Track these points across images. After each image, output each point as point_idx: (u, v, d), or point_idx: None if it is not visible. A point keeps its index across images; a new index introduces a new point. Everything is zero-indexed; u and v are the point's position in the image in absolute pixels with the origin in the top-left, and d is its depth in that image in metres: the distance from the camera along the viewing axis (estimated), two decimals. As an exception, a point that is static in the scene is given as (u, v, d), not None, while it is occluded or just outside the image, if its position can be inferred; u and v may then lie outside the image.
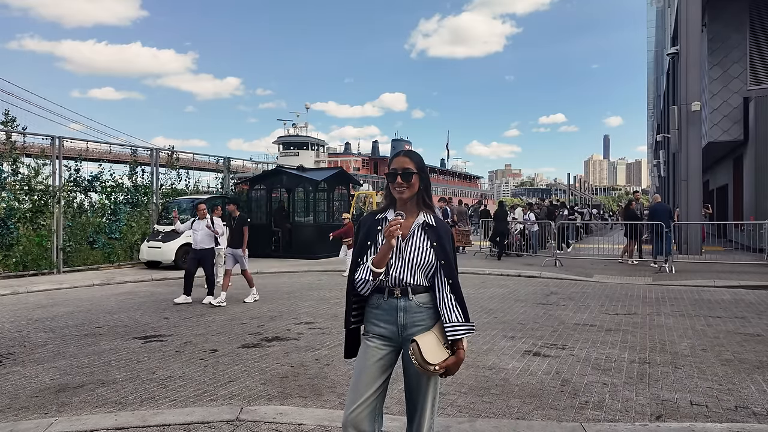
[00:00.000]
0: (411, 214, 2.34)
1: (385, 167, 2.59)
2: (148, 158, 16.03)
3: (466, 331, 2.25)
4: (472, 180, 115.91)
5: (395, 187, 2.31)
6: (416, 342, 2.18)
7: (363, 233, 2.37)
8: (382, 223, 2.32)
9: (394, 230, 2.16)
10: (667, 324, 6.84)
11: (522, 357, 5.32)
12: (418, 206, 2.37)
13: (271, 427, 3.54)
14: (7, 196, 12.22)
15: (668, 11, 25.02)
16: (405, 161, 2.32)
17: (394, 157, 2.37)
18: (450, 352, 2.23)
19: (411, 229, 2.31)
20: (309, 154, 66.99)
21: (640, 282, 10.73)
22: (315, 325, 6.93)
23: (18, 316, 7.75)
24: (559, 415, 3.80)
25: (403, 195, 2.31)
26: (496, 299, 8.78)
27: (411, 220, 2.33)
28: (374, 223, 2.36)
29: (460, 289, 2.32)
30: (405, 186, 2.29)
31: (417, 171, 2.31)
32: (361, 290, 2.30)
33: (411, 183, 2.30)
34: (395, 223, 2.17)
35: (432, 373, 2.18)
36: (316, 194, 17.23)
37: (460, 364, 2.24)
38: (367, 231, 2.36)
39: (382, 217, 2.36)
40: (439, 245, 2.30)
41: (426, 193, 2.38)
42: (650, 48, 47.09)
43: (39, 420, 3.73)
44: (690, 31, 15.68)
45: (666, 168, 25.41)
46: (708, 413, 3.82)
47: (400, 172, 2.29)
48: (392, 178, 2.31)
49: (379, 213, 2.41)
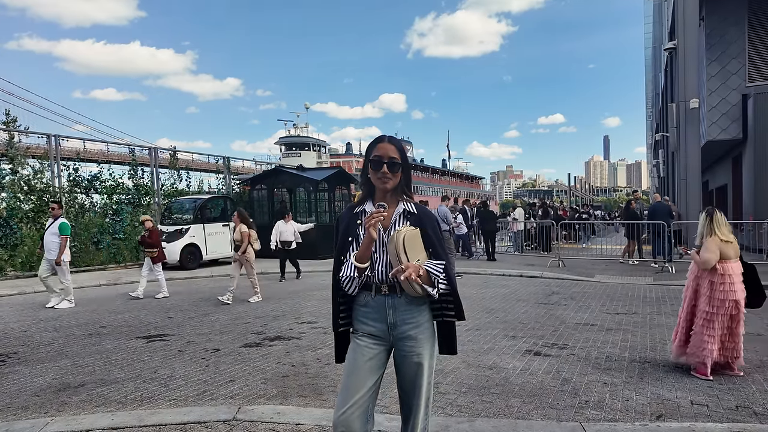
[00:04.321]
0: (391, 204, 2.26)
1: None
2: (148, 159, 16.08)
3: (440, 272, 2.13)
4: (474, 181, 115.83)
5: (379, 177, 2.20)
6: (403, 232, 2.10)
7: (342, 229, 2.28)
8: (361, 216, 2.23)
9: (376, 222, 2.07)
10: (667, 323, 6.82)
11: (522, 356, 5.32)
12: (398, 196, 2.28)
13: (268, 427, 3.54)
14: (8, 196, 12.27)
15: (665, 5, 24.39)
16: (390, 149, 2.22)
17: (377, 143, 2.25)
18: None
19: (392, 218, 2.23)
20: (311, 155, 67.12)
21: (641, 282, 10.72)
22: (317, 325, 6.94)
23: (24, 316, 7.79)
24: (559, 414, 3.80)
25: (387, 185, 2.21)
26: (497, 299, 8.78)
27: (391, 210, 2.25)
28: (353, 217, 2.27)
29: (454, 279, 2.24)
30: (390, 176, 2.20)
31: (401, 161, 2.23)
32: (347, 289, 2.21)
33: (396, 173, 2.22)
34: (377, 214, 2.08)
35: (398, 269, 2.05)
36: (317, 194, 17.24)
37: (418, 279, 2.05)
38: (347, 227, 2.26)
39: (361, 210, 2.27)
40: (424, 233, 2.20)
41: (406, 184, 2.29)
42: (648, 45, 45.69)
43: (36, 420, 3.73)
44: (687, 24, 15.25)
45: (665, 168, 25.28)
46: (709, 413, 3.82)
47: (386, 161, 2.19)
48: (377, 166, 2.19)
49: (357, 206, 2.31)
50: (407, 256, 2.08)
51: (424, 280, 2.09)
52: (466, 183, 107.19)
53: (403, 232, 2.11)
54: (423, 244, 2.19)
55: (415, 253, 2.12)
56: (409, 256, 2.08)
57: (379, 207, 2.13)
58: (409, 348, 2.22)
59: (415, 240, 2.14)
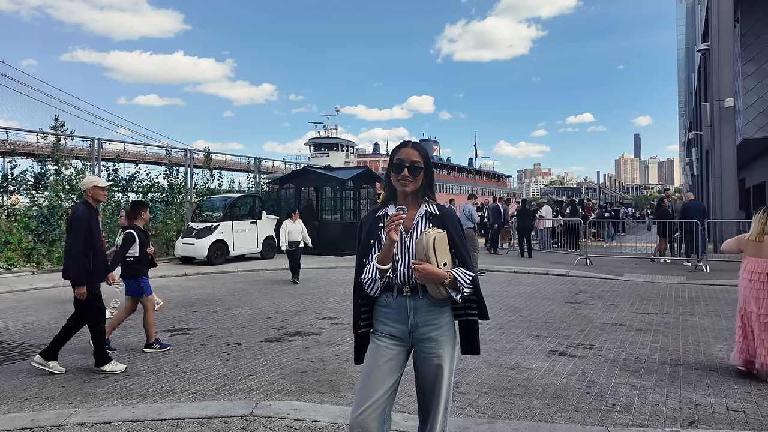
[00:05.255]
0: (413, 207, 2.29)
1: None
2: (183, 159, 16.52)
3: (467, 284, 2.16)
4: (501, 179, 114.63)
5: (400, 179, 2.24)
6: (433, 234, 2.13)
7: (365, 232, 2.31)
8: (383, 218, 2.26)
9: (397, 225, 2.10)
10: (701, 324, 6.55)
11: (547, 357, 5.16)
12: (420, 199, 2.31)
13: (284, 423, 3.52)
14: (51, 194, 12.71)
15: (698, 8, 24.63)
16: (413, 153, 2.26)
17: (401, 148, 2.30)
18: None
19: (414, 221, 2.25)
20: (339, 155, 67.57)
21: (672, 281, 10.36)
22: (337, 321, 6.91)
23: (56, 309, 7.99)
24: (584, 418, 3.66)
25: (407, 188, 2.25)
26: (522, 297, 8.59)
27: (413, 213, 2.27)
28: (375, 220, 2.29)
29: (478, 280, 2.24)
30: (410, 180, 2.24)
31: (424, 166, 2.26)
32: (369, 290, 2.24)
33: (417, 177, 2.25)
34: (397, 218, 2.10)
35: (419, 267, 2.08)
36: (342, 192, 17.37)
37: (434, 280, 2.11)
38: (369, 229, 2.29)
39: (383, 213, 2.30)
40: (448, 235, 2.21)
41: (429, 187, 2.32)
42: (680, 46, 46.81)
43: (60, 411, 3.79)
44: (721, 26, 15.44)
45: (699, 166, 24.68)
46: (746, 420, 3.61)
47: (407, 165, 2.23)
48: (398, 170, 2.24)
49: (379, 209, 2.35)
50: (436, 257, 2.11)
51: (450, 285, 2.13)
52: (492, 181, 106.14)
53: (433, 234, 2.14)
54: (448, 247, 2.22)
55: (442, 255, 2.15)
56: (437, 257, 2.12)
57: (398, 210, 2.16)
58: (429, 349, 2.22)
59: (443, 243, 2.17)
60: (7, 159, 12.56)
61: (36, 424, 3.53)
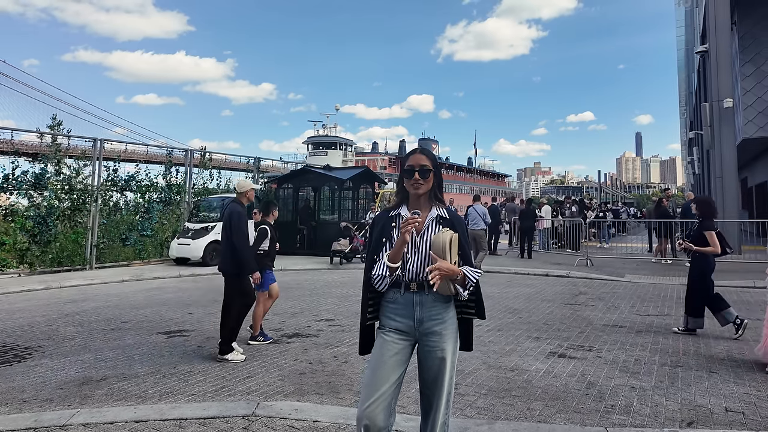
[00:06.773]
0: (424, 209, 2.42)
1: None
2: (183, 159, 16.48)
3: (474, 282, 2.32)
4: (500, 178, 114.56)
5: (412, 183, 2.38)
6: (449, 233, 2.28)
7: (378, 231, 2.43)
8: (396, 219, 2.41)
9: (412, 227, 2.23)
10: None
11: (546, 358, 5.15)
12: (431, 201, 2.44)
13: (285, 423, 3.51)
14: (49, 195, 12.67)
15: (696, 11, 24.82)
16: (422, 159, 2.41)
17: (411, 155, 2.46)
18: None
19: (425, 223, 2.38)
20: (337, 154, 67.60)
21: (674, 282, 10.34)
22: (335, 322, 6.90)
23: (50, 311, 7.98)
24: (583, 419, 3.65)
25: (419, 191, 2.38)
26: (521, 299, 8.58)
27: (425, 215, 2.40)
28: (388, 220, 2.42)
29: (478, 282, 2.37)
30: (422, 182, 2.37)
31: (432, 168, 2.40)
32: (378, 286, 2.35)
33: (427, 179, 2.38)
34: (413, 221, 2.23)
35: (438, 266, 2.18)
36: (341, 192, 17.34)
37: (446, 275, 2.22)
38: (382, 228, 2.42)
39: (396, 213, 2.43)
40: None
41: (438, 189, 2.46)
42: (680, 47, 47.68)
43: (62, 411, 3.79)
44: (719, 29, 15.57)
45: (700, 165, 24.72)
46: (745, 421, 3.60)
47: (417, 169, 2.37)
48: (409, 175, 2.39)
49: (392, 210, 2.47)
50: (451, 255, 2.25)
51: (460, 282, 2.28)
52: (491, 180, 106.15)
53: (450, 234, 2.30)
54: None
55: (455, 254, 2.31)
56: (451, 255, 2.28)
57: (413, 214, 2.27)
58: (433, 343, 2.33)
59: (456, 243, 2.32)
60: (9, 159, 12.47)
61: (39, 424, 3.53)
